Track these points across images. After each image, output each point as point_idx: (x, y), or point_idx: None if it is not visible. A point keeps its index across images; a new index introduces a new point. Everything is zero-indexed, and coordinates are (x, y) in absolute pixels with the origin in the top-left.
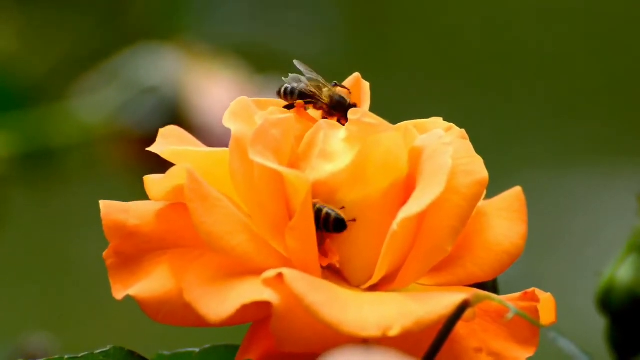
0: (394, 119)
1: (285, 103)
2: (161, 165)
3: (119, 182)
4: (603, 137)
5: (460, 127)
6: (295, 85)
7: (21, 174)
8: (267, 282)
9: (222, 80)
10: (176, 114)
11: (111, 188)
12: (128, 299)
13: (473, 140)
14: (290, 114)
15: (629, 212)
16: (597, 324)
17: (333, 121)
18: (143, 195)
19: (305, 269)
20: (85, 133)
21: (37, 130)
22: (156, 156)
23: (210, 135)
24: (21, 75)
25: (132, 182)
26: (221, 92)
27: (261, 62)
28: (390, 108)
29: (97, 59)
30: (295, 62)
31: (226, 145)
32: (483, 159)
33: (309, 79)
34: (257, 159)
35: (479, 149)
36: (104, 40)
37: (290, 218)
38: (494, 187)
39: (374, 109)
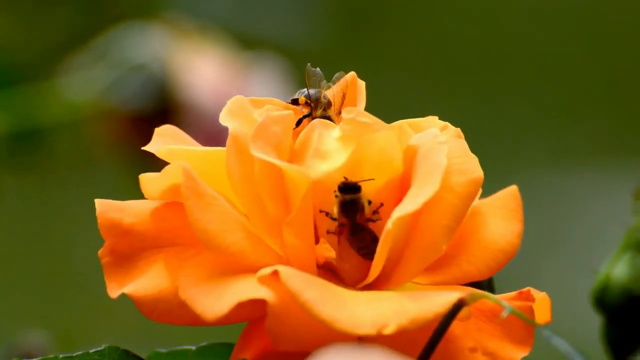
0: (389, 119)
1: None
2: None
3: (107, 161)
4: (603, 137)
5: (460, 127)
6: (311, 92)
7: (10, 153)
8: (263, 280)
9: (209, 58)
10: (164, 92)
11: (100, 167)
12: (125, 296)
13: (472, 140)
14: (289, 111)
15: (628, 212)
16: (598, 323)
17: (327, 120)
18: (131, 176)
19: (301, 266)
20: (73, 112)
21: (24, 109)
22: (145, 134)
23: (197, 113)
24: (8, 54)
25: (121, 161)
26: (208, 70)
27: (247, 39)
28: (387, 106)
29: (84, 37)
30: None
31: (213, 122)
32: (482, 159)
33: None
34: (259, 154)
35: (478, 149)
36: (91, 19)
37: (288, 215)
38: (494, 187)
39: (370, 105)
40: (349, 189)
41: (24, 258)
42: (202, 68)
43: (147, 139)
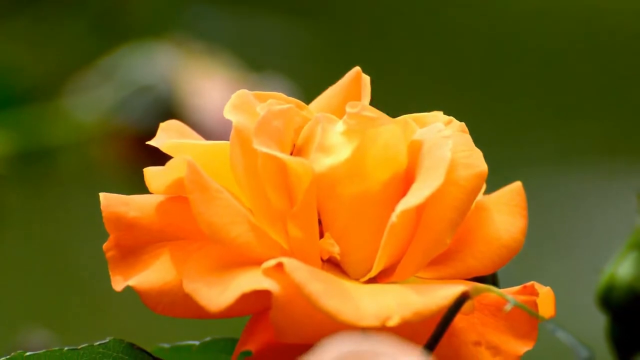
0: (391, 116)
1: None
2: (156, 163)
3: (114, 181)
4: (603, 137)
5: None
6: None
7: (16, 173)
8: (267, 272)
9: (216, 78)
10: (171, 112)
11: (106, 187)
12: (127, 294)
13: (474, 140)
14: (290, 105)
15: (629, 211)
16: (599, 322)
17: (331, 115)
18: (138, 193)
19: (305, 258)
20: (80, 132)
21: (32, 129)
22: (152, 154)
23: (205, 133)
24: (16, 74)
25: (127, 181)
26: (216, 90)
27: (255, 59)
28: (387, 106)
29: (91, 58)
30: None
31: None
32: (484, 158)
33: None
34: (262, 148)
35: (480, 149)
36: (98, 38)
37: (292, 208)
38: (494, 187)
39: (371, 103)
40: None
41: (30, 263)
42: (209, 89)
43: (154, 159)
